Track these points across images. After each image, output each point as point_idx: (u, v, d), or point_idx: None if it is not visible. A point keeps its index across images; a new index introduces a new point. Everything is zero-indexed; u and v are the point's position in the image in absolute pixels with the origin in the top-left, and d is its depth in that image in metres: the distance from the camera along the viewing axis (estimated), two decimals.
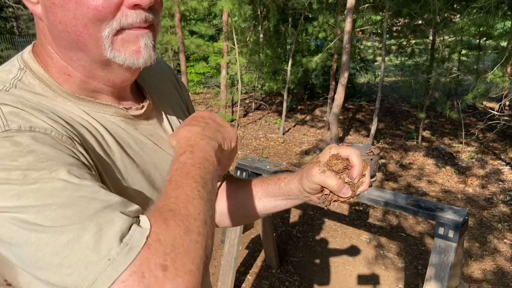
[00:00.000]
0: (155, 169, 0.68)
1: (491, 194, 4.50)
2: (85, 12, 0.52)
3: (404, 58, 7.28)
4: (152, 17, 0.57)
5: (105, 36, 0.54)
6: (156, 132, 0.70)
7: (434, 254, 1.92)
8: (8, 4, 11.98)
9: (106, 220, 0.44)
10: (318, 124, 7.43)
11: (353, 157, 0.67)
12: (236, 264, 2.60)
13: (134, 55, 0.57)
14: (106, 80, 0.61)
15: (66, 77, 0.59)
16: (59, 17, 0.54)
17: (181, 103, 0.82)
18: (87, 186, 0.46)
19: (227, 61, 7.12)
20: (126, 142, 0.64)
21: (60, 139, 0.50)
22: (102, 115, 0.62)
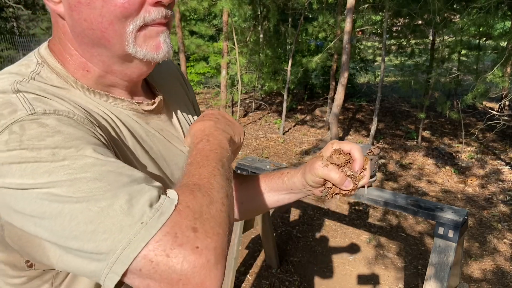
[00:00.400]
0: (165, 163, 0.70)
1: (490, 194, 4.50)
2: (112, 9, 0.56)
3: (404, 58, 7.28)
4: (171, 13, 0.62)
5: (129, 32, 0.58)
6: (166, 128, 0.73)
7: (434, 254, 1.92)
8: (8, 4, 11.99)
9: (136, 190, 0.47)
10: (318, 124, 7.43)
11: (354, 152, 0.70)
12: (236, 264, 2.60)
13: (154, 50, 0.61)
14: (123, 75, 0.64)
15: (85, 73, 0.62)
16: (84, 15, 0.56)
17: (188, 102, 0.86)
18: (113, 162, 0.49)
19: (227, 61, 7.12)
20: (139, 134, 0.66)
21: (82, 122, 0.53)
22: (116, 108, 0.65)
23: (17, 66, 0.61)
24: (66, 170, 0.46)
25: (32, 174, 0.46)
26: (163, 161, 0.70)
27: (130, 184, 0.47)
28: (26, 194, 0.46)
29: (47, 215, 0.46)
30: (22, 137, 0.48)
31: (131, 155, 0.63)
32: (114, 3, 0.55)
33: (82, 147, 0.49)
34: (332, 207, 4.16)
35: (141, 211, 0.45)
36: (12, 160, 0.47)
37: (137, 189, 0.47)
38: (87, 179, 0.46)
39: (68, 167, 0.46)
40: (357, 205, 4.19)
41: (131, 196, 0.46)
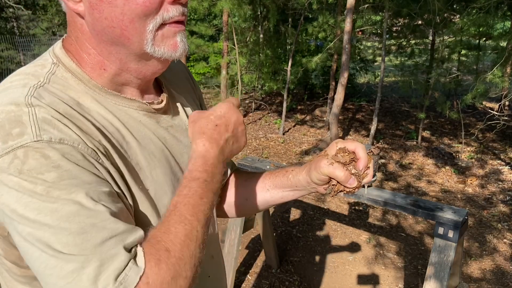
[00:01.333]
0: (175, 162, 0.73)
1: (490, 194, 4.51)
2: (134, 7, 0.58)
3: (404, 58, 7.28)
4: (187, 10, 0.64)
5: (149, 31, 0.60)
6: (175, 123, 0.76)
7: (434, 254, 1.92)
8: (9, 5, 11.99)
9: (109, 255, 0.50)
10: (318, 124, 7.43)
11: (359, 150, 0.72)
12: (236, 264, 2.60)
13: (172, 49, 0.63)
14: (138, 72, 0.67)
15: (101, 72, 0.65)
16: (105, 13, 0.59)
17: (195, 98, 0.89)
18: (99, 212, 0.52)
19: (227, 61, 7.12)
20: (148, 138, 0.68)
21: (86, 152, 0.55)
22: (126, 112, 0.67)
23: (33, 66, 0.63)
24: (53, 214, 0.50)
25: (25, 206, 0.50)
26: (173, 160, 0.72)
27: (107, 242, 0.50)
28: (15, 223, 0.51)
29: (29, 255, 0.51)
30: (24, 166, 0.51)
31: (139, 165, 0.65)
32: (136, 2, 0.57)
33: (75, 190, 0.51)
34: (332, 207, 4.17)
35: (106, 281, 0.48)
36: (12, 185, 0.51)
37: (110, 254, 0.50)
38: (69, 231, 0.49)
39: (55, 212, 0.50)
40: (357, 205, 4.19)
41: (102, 262, 0.49)
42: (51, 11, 13.35)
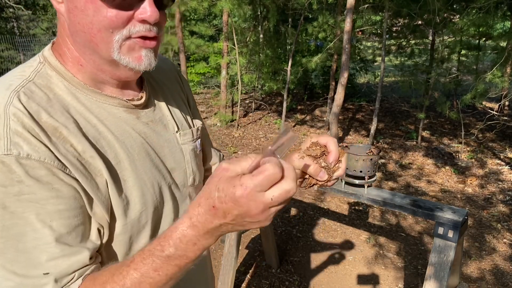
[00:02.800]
0: (155, 155, 0.76)
1: (490, 194, 4.51)
2: (101, 19, 0.62)
3: (404, 58, 7.28)
4: (157, 30, 0.67)
5: (115, 41, 0.64)
6: (156, 118, 0.79)
7: (434, 254, 1.93)
8: (9, 5, 11.99)
9: (41, 284, 0.58)
10: (317, 124, 7.44)
11: (330, 144, 0.72)
12: (236, 264, 2.60)
13: (136, 61, 0.67)
14: (112, 75, 0.70)
15: (80, 67, 0.68)
16: (78, 19, 0.63)
17: (182, 95, 0.92)
18: (45, 235, 0.58)
19: (227, 61, 7.12)
20: (127, 133, 0.72)
21: (52, 165, 0.59)
22: (105, 108, 0.71)
23: (23, 67, 0.68)
24: (3, 230, 0.57)
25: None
26: (153, 153, 0.75)
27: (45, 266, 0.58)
28: None
29: None
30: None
31: (120, 161, 0.69)
32: (104, 14, 0.61)
33: (29, 209, 0.57)
34: (332, 207, 4.17)
35: None
36: None
37: (42, 283, 0.58)
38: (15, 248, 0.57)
39: (6, 229, 0.57)
40: (357, 205, 4.19)
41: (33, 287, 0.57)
42: (51, 11, 13.36)
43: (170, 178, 0.79)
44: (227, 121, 7.34)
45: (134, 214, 0.70)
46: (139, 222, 0.72)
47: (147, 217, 0.73)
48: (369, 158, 2.07)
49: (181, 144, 0.83)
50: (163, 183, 0.76)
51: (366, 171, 2.09)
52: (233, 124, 7.33)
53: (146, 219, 0.73)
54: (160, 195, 0.75)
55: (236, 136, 6.79)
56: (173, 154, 0.81)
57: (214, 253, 3.25)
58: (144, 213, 0.72)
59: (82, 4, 0.61)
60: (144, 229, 0.73)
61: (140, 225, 0.72)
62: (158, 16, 0.64)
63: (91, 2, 0.61)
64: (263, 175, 0.48)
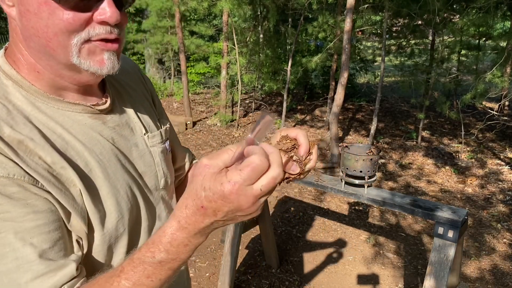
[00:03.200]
0: (125, 159, 0.73)
1: (490, 194, 4.51)
2: (57, 22, 0.58)
3: (404, 58, 7.28)
4: (118, 31, 0.63)
5: (73, 44, 0.60)
6: (122, 122, 0.76)
7: (434, 254, 1.93)
8: None
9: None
10: (317, 124, 7.44)
11: (300, 137, 0.70)
12: (236, 264, 2.61)
13: (98, 65, 0.63)
14: (72, 80, 0.66)
15: (36, 74, 0.64)
16: (31, 23, 0.59)
17: (147, 95, 0.89)
18: (26, 254, 0.56)
19: (227, 61, 7.12)
20: (94, 139, 0.69)
21: (23, 181, 0.56)
22: (69, 116, 0.67)
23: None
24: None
25: None
26: (123, 157, 0.73)
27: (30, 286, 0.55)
28: None
29: None
30: None
31: (89, 168, 0.66)
32: (60, 17, 0.57)
33: (6, 229, 0.54)
34: (332, 207, 4.17)
35: None
36: None
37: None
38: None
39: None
40: (356, 205, 4.20)
41: None
42: None
43: (142, 182, 0.77)
44: (227, 121, 7.34)
45: (111, 224, 0.68)
46: (117, 231, 0.70)
47: (124, 225, 0.71)
48: (369, 158, 2.07)
49: (150, 146, 0.80)
50: (135, 188, 0.74)
51: (366, 171, 2.09)
52: (233, 124, 7.33)
53: (123, 227, 0.71)
54: (134, 201, 0.73)
55: (236, 136, 6.79)
56: (143, 157, 0.78)
57: (214, 253, 3.25)
58: (120, 221, 0.70)
59: (36, 7, 0.57)
60: (122, 237, 0.71)
61: (118, 234, 0.70)
62: (118, 16, 0.61)
63: (45, 4, 0.57)
64: (250, 168, 0.47)
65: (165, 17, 8.98)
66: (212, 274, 2.96)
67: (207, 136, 6.70)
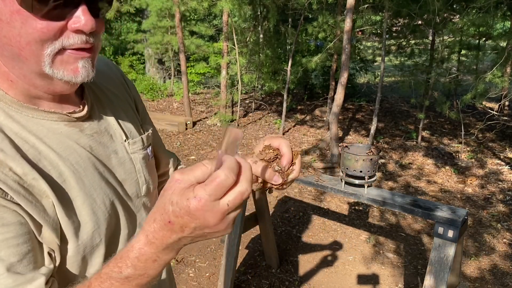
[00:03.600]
0: (104, 167, 0.72)
1: (490, 194, 4.51)
2: (30, 32, 0.56)
3: (404, 58, 7.29)
4: (93, 39, 0.62)
5: (46, 54, 0.58)
6: (101, 129, 0.74)
7: (434, 254, 1.93)
8: None
9: None
10: (317, 124, 7.44)
11: (282, 147, 0.69)
12: (236, 264, 2.61)
13: (72, 73, 0.62)
14: (46, 89, 0.64)
15: (10, 83, 0.63)
16: (4, 32, 0.57)
17: (129, 100, 0.87)
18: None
19: (227, 61, 7.13)
20: (70, 148, 0.67)
21: (4, 197, 0.55)
22: (43, 125, 0.65)
23: None
24: None
25: None
26: (102, 165, 0.71)
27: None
28: None
29: None
30: None
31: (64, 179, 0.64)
32: (33, 26, 0.56)
33: None
34: (332, 207, 4.17)
35: None
36: None
37: None
38: None
39: None
40: (356, 205, 4.20)
41: None
42: None
43: (121, 190, 0.75)
44: (227, 121, 7.34)
45: (86, 234, 0.66)
46: (92, 242, 0.68)
47: (100, 235, 0.69)
48: (369, 158, 2.07)
49: (131, 153, 0.79)
50: (114, 197, 0.72)
51: (366, 171, 2.09)
52: (233, 124, 7.33)
53: (100, 238, 0.69)
54: (112, 210, 0.72)
55: None
56: (123, 164, 0.77)
57: (214, 253, 3.25)
58: (96, 232, 0.68)
59: (8, 16, 0.56)
60: (98, 247, 0.70)
61: (94, 245, 0.69)
62: (94, 24, 0.59)
63: (18, 13, 0.55)
64: (216, 183, 0.47)
65: (165, 17, 8.99)
66: (212, 274, 2.96)
67: (207, 136, 6.70)
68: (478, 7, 5.03)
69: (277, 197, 4.33)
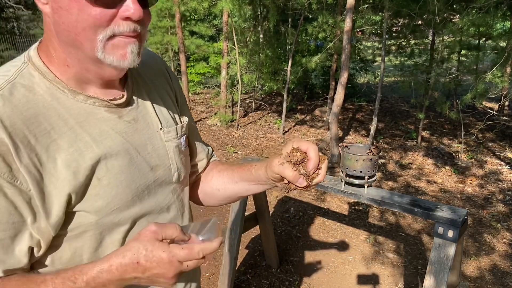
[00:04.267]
0: (137, 153, 0.77)
1: (490, 194, 4.51)
2: (86, 18, 0.63)
3: (404, 58, 7.29)
4: (140, 28, 0.68)
5: (99, 40, 0.65)
6: (139, 117, 0.80)
7: (434, 254, 1.93)
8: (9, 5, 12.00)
9: None
10: (317, 124, 7.44)
11: (310, 151, 0.73)
12: (236, 264, 2.61)
13: (121, 58, 0.67)
14: (96, 74, 0.71)
15: (65, 68, 0.69)
16: (62, 19, 0.64)
17: (170, 91, 0.92)
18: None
19: (227, 61, 7.12)
20: (106, 133, 0.72)
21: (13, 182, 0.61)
22: (85, 109, 0.71)
23: (8, 65, 0.70)
24: None
25: None
26: (135, 151, 0.76)
27: None
28: None
29: None
30: None
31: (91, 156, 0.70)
32: (88, 13, 0.62)
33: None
34: (332, 207, 4.17)
35: None
36: None
37: None
38: None
39: None
40: (356, 205, 4.20)
41: None
42: None
43: (153, 175, 0.80)
44: (227, 121, 7.34)
45: (106, 213, 0.72)
46: (112, 220, 0.73)
47: (122, 215, 0.74)
48: (369, 158, 2.07)
49: (165, 141, 0.83)
50: (143, 181, 0.77)
51: (366, 171, 2.09)
52: (233, 124, 7.34)
53: (120, 217, 0.74)
54: (139, 194, 0.77)
55: (236, 136, 6.79)
56: (156, 151, 0.81)
57: (214, 253, 3.25)
58: (117, 211, 0.73)
59: (67, 4, 0.62)
60: (118, 227, 0.75)
61: (113, 223, 0.74)
62: (142, 13, 0.64)
63: (75, 1, 0.61)
64: (190, 253, 0.62)
65: (165, 17, 8.99)
66: (212, 274, 2.96)
67: (207, 136, 6.70)
68: (478, 7, 5.03)
69: (277, 197, 4.33)
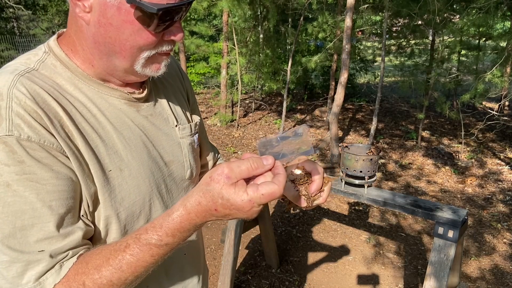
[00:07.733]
0: (153, 147, 0.79)
1: (490, 194, 4.51)
2: (138, 40, 0.67)
3: (404, 58, 7.28)
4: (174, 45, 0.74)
5: (143, 57, 0.70)
6: (156, 112, 0.82)
7: (434, 254, 1.93)
8: (9, 5, 11.99)
9: (36, 259, 0.60)
10: (317, 124, 7.44)
11: (314, 174, 0.72)
12: (236, 264, 2.61)
13: (155, 70, 0.73)
14: (120, 78, 0.74)
15: (89, 66, 0.72)
16: (110, 34, 0.66)
17: (182, 90, 0.95)
18: (44, 215, 0.61)
19: (227, 61, 7.12)
20: (126, 124, 0.75)
21: (52, 147, 0.62)
22: (107, 100, 0.73)
23: (28, 54, 0.71)
24: (5, 207, 0.59)
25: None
26: (151, 145, 0.78)
27: (40, 245, 0.60)
28: None
29: None
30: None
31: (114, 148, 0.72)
32: (141, 35, 0.66)
33: (30, 188, 0.59)
34: (332, 207, 4.17)
35: (28, 278, 0.60)
36: None
37: (37, 259, 0.60)
38: (13, 225, 0.59)
39: (8, 206, 0.59)
40: (357, 205, 4.20)
41: (29, 262, 0.60)
42: (51, 11, 13.35)
43: (167, 170, 0.81)
44: (227, 121, 7.34)
45: (129, 204, 0.73)
46: (133, 213, 0.74)
47: (141, 207, 0.75)
48: (369, 158, 2.07)
49: (180, 138, 0.85)
50: (158, 175, 0.79)
51: (366, 171, 2.09)
52: (233, 124, 7.33)
53: (140, 209, 0.75)
54: (155, 187, 0.78)
55: (236, 136, 6.79)
56: (171, 147, 0.83)
57: (214, 253, 3.25)
58: (138, 203, 0.74)
59: (119, 24, 0.65)
60: (138, 219, 0.76)
61: (135, 215, 0.75)
62: (183, 36, 0.71)
63: (130, 23, 0.65)
64: (271, 197, 0.56)
65: None
66: (212, 274, 2.96)
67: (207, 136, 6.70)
68: (478, 7, 5.02)
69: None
